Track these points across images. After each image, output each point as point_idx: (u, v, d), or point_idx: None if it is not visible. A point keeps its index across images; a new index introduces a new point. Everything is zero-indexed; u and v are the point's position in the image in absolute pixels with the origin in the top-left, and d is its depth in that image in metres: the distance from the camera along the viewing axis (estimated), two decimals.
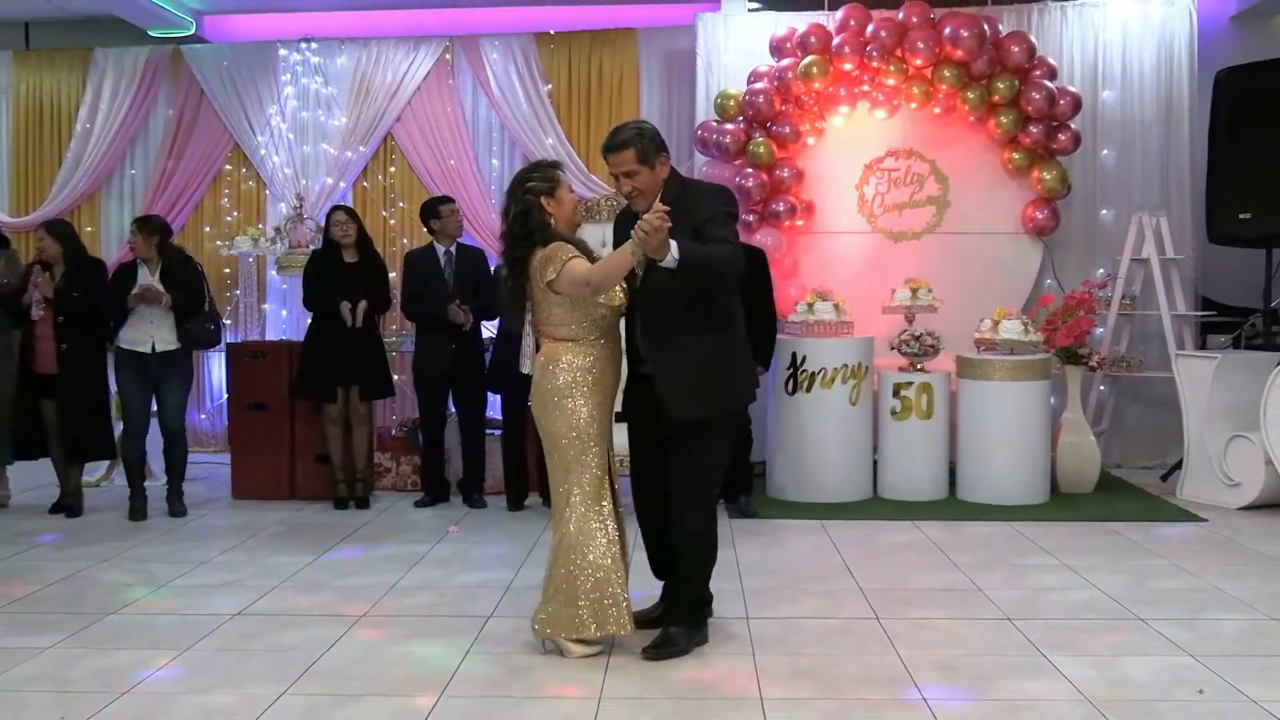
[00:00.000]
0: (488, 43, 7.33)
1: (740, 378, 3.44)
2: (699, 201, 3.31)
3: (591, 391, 3.31)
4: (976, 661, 3.32)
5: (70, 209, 7.55)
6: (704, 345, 3.28)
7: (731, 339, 3.37)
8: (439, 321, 5.59)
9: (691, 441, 3.32)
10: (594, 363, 3.32)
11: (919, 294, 5.87)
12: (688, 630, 3.40)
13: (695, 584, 3.47)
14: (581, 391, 3.30)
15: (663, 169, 3.34)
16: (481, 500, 5.75)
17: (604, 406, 3.34)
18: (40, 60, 7.73)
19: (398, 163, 7.48)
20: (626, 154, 3.29)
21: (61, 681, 3.19)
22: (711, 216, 3.27)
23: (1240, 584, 4.14)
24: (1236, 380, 5.65)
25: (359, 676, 3.23)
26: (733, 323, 3.38)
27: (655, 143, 3.33)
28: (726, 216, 3.30)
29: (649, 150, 3.30)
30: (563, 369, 3.31)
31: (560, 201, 3.37)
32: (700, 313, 3.28)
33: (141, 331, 5.40)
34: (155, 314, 5.39)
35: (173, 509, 5.53)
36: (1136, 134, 6.80)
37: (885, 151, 6.69)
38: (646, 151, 3.30)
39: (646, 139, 3.31)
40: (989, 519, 5.32)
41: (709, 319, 3.29)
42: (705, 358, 3.28)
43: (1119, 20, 6.79)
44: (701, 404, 3.28)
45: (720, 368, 3.33)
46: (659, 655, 3.33)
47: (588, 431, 3.30)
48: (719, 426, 3.37)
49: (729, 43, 6.87)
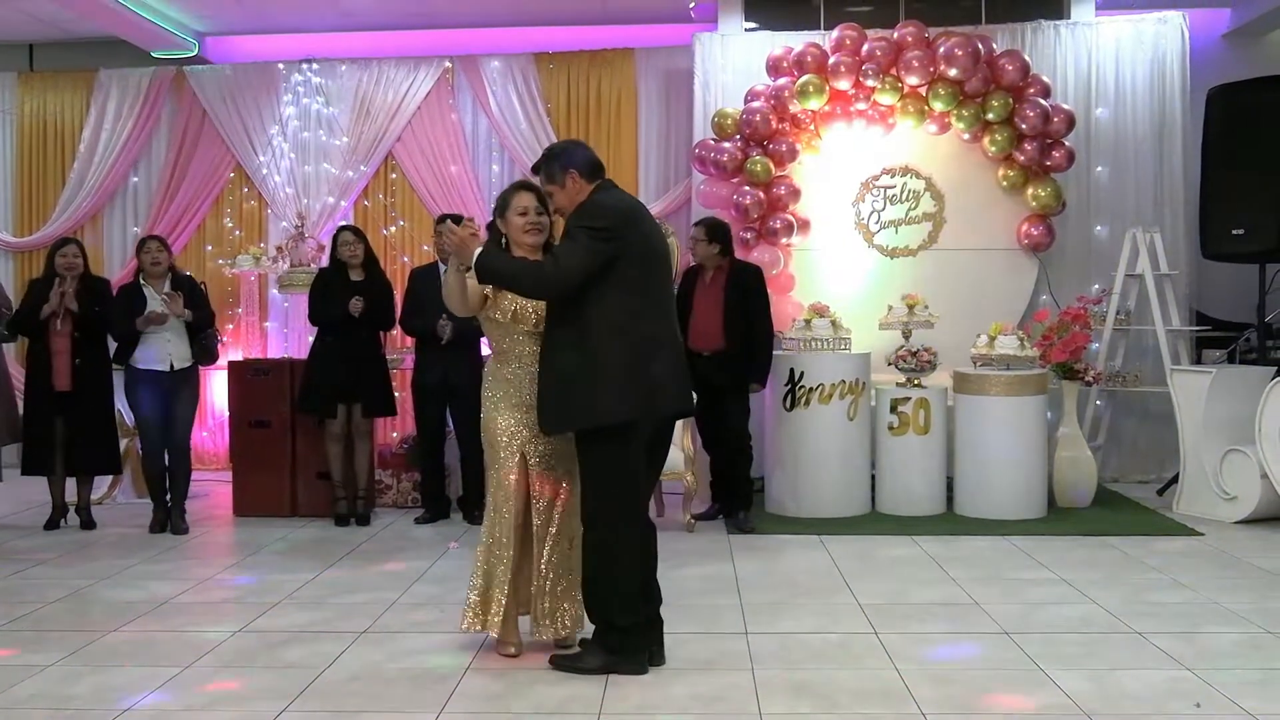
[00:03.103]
0: (487, 63, 7.40)
1: (606, 393, 3.23)
2: (572, 217, 3.37)
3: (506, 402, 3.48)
4: (974, 676, 3.34)
5: (74, 229, 7.59)
6: (567, 359, 3.29)
7: (596, 353, 3.25)
8: (433, 337, 5.65)
9: (579, 455, 3.38)
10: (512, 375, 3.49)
11: (915, 310, 5.91)
12: (596, 651, 3.35)
13: (590, 602, 3.37)
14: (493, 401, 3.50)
15: (574, 184, 3.37)
16: (482, 517, 5.75)
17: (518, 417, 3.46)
18: (44, 81, 7.80)
19: (398, 182, 7.54)
20: (539, 179, 3.46)
21: (61, 699, 3.21)
22: (565, 230, 3.36)
23: (1237, 597, 4.16)
24: (1232, 394, 5.68)
25: (359, 693, 3.24)
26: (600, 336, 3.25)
27: (561, 161, 3.39)
28: (578, 230, 3.28)
29: (554, 170, 3.39)
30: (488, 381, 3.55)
31: (508, 222, 3.52)
32: (569, 328, 3.30)
33: (159, 350, 5.49)
34: (172, 333, 5.49)
35: (175, 526, 5.57)
36: (1130, 151, 6.86)
37: (881, 169, 6.75)
38: (552, 172, 3.40)
39: (552, 158, 3.43)
40: (986, 534, 5.34)
41: (575, 333, 3.28)
42: (566, 371, 3.27)
43: (1112, 38, 6.86)
44: (556, 417, 3.32)
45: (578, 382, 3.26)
46: (560, 662, 3.40)
47: (497, 441, 3.48)
48: (591, 442, 3.30)
49: (726, 62, 6.94)
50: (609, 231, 3.26)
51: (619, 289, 3.27)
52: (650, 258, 3.37)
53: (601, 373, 3.24)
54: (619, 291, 3.26)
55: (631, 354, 3.26)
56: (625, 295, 3.27)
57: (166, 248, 5.68)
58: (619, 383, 3.24)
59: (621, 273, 3.26)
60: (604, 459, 3.30)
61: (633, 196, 3.63)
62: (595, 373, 3.24)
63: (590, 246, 3.24)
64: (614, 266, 3.25)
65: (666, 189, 7.28)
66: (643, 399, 3.27)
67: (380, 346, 5.94)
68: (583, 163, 3.40)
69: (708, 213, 6.30)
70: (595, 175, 3.42)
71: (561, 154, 3.43)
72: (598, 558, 3.33)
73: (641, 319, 3.30)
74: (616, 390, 3.24)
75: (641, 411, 3.28)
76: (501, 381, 3.50)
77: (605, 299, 3.25)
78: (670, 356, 3.36)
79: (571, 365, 3.27)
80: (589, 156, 3.44)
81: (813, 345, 5.78)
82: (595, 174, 3.42)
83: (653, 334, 3.32)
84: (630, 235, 3.31)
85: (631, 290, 3.28)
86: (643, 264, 3.32)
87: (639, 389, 3.26)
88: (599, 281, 3.25)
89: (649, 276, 3.35)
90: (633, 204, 3.51)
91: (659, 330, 3.35)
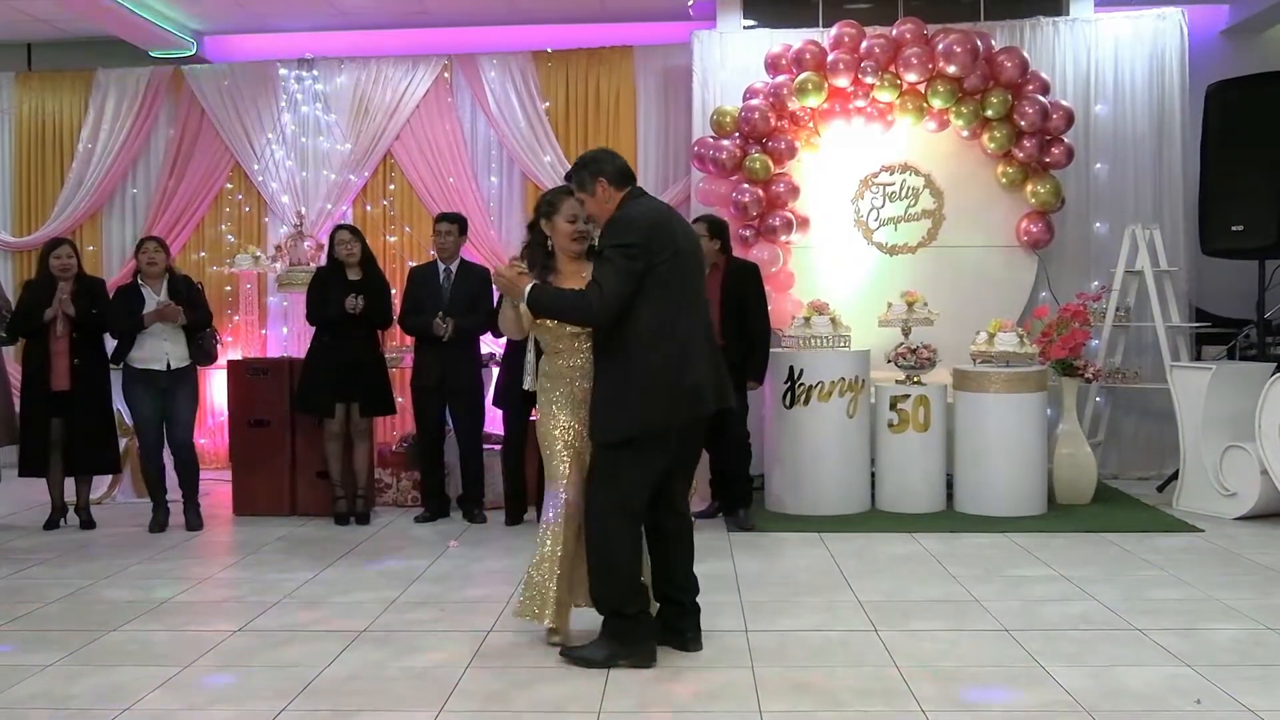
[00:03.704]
0: (486, 61, 7.40)
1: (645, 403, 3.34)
2: (603, 235, 3.44)
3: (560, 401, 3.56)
4: (974, 673, 3.34)
5: (72, 228, 7.60)
6: (609, 372, 3.40)
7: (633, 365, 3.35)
8: (429, 335, 5.64)
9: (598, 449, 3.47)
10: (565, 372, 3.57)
11: (915, 307, 5.91)
12: (602, 642, 3.42)
13: (594, 592, 3.48)
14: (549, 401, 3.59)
15: (604, 192, 3.44)
16: (481, 515, 5.77)
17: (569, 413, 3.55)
18: (43, 81, 7.80)
19: (397, 180, 7.54)
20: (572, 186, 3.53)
21: (62, 699, 3.21)
22: (599, 253, 3.41)
23: (1237, 594, 4.16)
24: (1231, 391, 5.68)
25: (359, 692, 3.24)
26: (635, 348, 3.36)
27: (591, 170, 3.46)
28: (613, 251, 3.34)
29: (584, 179, 3.46)
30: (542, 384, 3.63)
31: (555, 226, 3.59)
32: (611, 341, 3.40)
33: (155, 349, 5.50)
34: (168, 332, 5.51)
35: (190, 523, 5.61)
36: (1129, 147, 6.86)
37: (880, 166, 6.75)
38: (583, 180, 3.47)
39: (583, 167, 3.50)
40: (986, 531, 5.34)
41: (615, 345, 3.39)
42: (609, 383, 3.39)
43: (1111, 35, 6.86)
44: (603, 429, 3.41)
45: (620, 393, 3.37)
46: (568, 653, 3.45)
47: (552, 436, 3.56)
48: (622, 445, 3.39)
49: (725, 60, 6.94)
50: (639, 247, 3.33)
51: (649, 300, 3.34)
52: (681, 262, 3.42)
53: (639, 383, 3.34)
54: (651, 302, 3.34)
55: (665, 363, 3.35)
56: (657, 305, 3.34)
57: (164, 248, 5.70)
58: (657, 392, 3.34)
59: (652, 284, 3.34)
60: (625, 459, 3.38)
61: (660, 202, 3.68)
62: (634, 384, 3.35)
63: (626, 268, 3.32)
64: (645, 279, 3.34)
65: (665, 187, 7.27)
66: (682, 405, 3.38)
67: (378, 345, 5.94)
68: (612, 171, 3.46)
69: (707, 210, 6.29)
70: (624, 183, 3.47)
71: (591, 162, 3.50)
72: (601, 549, 3.41)
73: (673, 327, 3.38)
74: (654, 399, 3.34)
75: (681, 417, 3.38)
76: (556, 379, 3.57)
77: (637, 310, 3.34)
78: (704, 357, 3.44)
79: (613, 378, 3.38)
80: (619, 165, 3.49)
81: (812, 343, 5.77)
82: (624, 182, 3.48)
83: (686, 338, 3.40)
84: (660, 246, 3.37)
85: (662, 299, 3.36)
86: (672, 271, 3.39)
87: (677, 397, 3.36)
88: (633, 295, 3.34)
89: (680, 282, 3.41)
90: (661, 212, 3.55)
91: (692, 332, 3.42)
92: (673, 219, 3.56)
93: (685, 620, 3.56)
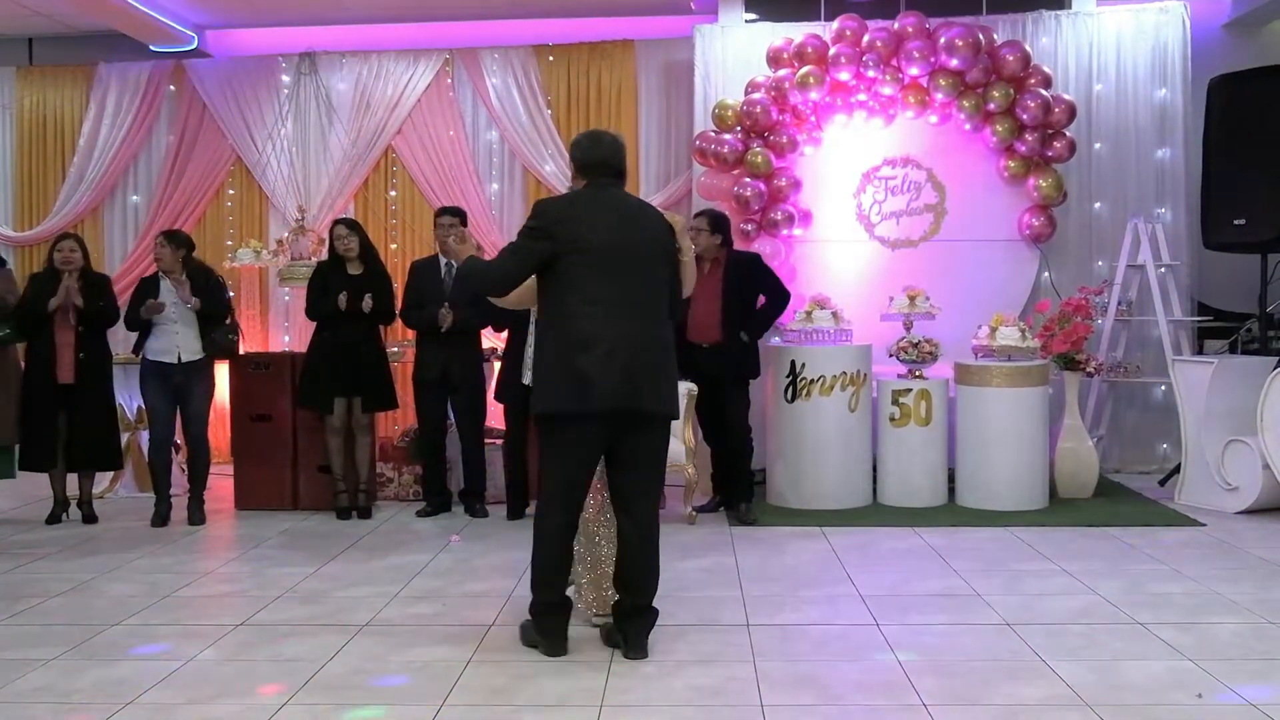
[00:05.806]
0: (487, 56, 7.38)
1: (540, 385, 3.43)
2: None
3: None
4: (976, 667, 3.34)
5: (74, 223, 7.58)
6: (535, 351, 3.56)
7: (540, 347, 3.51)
8: (432, 328, 5.64)
9: None
10: None
11: (917, 301, 5.90)
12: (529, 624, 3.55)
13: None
14: None
15: (573, 179, 3.57)
16: (483, 509, 5.77)
17: None
18: (44, 75, 7.79)
19: (399, 175, 7.53)
20: None
21: (65, 693, 3.21)
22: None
23: (1238, 588, 4.16)
24: (1233, 385, 5.67)
25: (361, 686, 3.25)
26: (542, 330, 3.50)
27: (570, 153, 3.58)
28: (521, 231, 3.47)
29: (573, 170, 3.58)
30: None
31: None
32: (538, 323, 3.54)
33: (168, 342, 5.52)
34: (181, 325, 5.51)
35: (192, 517, 5.61)
36: (1131, 141, 6.84)
37: (882, 160, 6.73)
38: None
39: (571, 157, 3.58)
40: (988, 525, 5.34)
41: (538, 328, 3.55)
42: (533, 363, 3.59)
43: (1113, 28, 6.84)
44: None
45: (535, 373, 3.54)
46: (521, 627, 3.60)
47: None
48: (538, 431, 3.51)
49: (726, 54, 6.92)
50: (540, 231, 3.39)
51: (556, 285, 3.37)
52: (600, 254, 3.32)
53: (539, 366, 3.46)
54: (557, 288, 3.37)
55: (556, 351, 3.37)
56: (562, 292, 3.36)
57: (171, 242, 5.62)
58: (549, 377, 3.38)
59: (561, 270, 3.36)
60: (544, 443, 3.45)
61: (610, 197, 3.46)
62: (537, 366, 3.47)
63: (523, 246, 3.41)
64: (554, 264, 3.37)
65: (667, 181, 7.27)
66: (569, 394, 3.30)
67: (380, 340, 5.93)
68: (579, 159, 3.52)
69: (708, 205, 6.29)
70: (586, 173, 3.49)
71: (572, 146, 3.58)
72: (533, 536, 3.48)
73: (578, 314, 3.32)
74: (545, 385, 3.40)
75: (567, 406, 3.31)
76: None
77: (546, 294, 3.42)
78: (607, 351, 3.27)
79: (534, 358, 3.53)
80: (592, 155, 3.48)
81: (814, 337, 5.77)
82: (589, 172, 3.48)
83: (591, 330, 3.29)
84: (567, 233, 3.34)
85: (569, 287, 3.36)
86: (576, 266, 3.34)
87: (566, 384, 3.32)
88: (543, 278, 3.40)
89: (585, 277, 3.32)
90: (582, 202, 3.43)
91: (602, 327, 3.29)
92: (599, 210, 3.38)
93: (628, 623, 3.44)
